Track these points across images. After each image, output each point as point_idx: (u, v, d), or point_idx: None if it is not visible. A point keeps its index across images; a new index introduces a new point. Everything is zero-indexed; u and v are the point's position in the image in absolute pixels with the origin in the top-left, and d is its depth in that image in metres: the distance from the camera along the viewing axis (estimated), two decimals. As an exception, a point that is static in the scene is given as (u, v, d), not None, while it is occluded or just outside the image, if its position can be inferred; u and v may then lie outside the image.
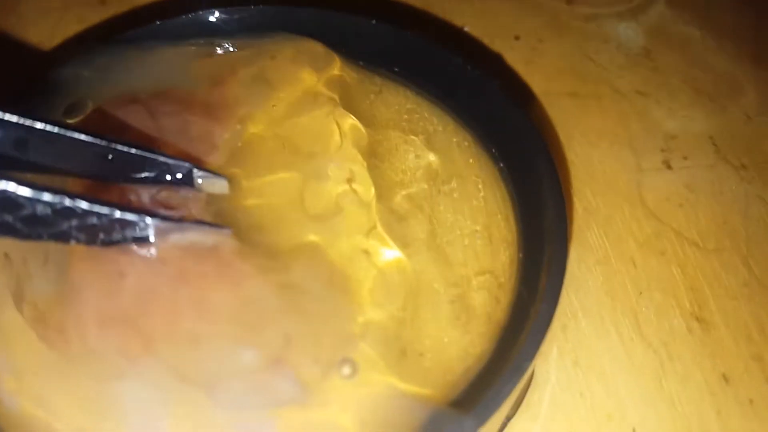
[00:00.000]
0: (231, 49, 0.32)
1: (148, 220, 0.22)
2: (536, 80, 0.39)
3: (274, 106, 0.30)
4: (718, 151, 0.36)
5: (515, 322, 0.25)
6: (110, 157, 0.24)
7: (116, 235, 0.22)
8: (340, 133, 0.29)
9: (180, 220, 0.24)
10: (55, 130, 0.23)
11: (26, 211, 0.20)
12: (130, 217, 0.22)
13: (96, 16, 0.38)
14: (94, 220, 0.21)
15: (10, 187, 0.20)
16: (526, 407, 0.28)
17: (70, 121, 0.28)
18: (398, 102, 0.31)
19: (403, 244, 0.27)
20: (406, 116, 0.31)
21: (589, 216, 0.33)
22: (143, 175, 0.25)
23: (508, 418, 0.27)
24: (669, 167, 0.35)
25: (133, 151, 0.24)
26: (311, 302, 0.24)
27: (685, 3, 0.43)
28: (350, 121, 0.29)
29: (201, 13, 0.33)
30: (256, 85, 0.31)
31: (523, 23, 0.41)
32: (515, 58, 0.40)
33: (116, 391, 0.22)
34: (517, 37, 0.41)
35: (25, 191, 0.20)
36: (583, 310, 0.30)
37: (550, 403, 0.28)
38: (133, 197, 0.25)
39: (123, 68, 0.30)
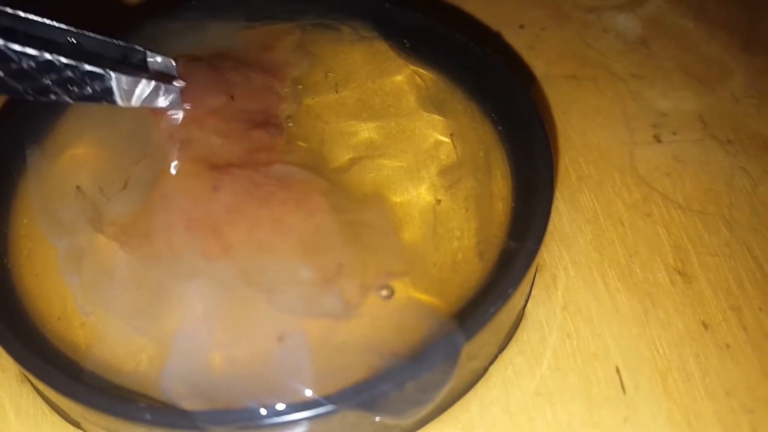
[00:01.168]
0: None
1: (111, 73, 0.26)
2: (538, 64, 0.41)
3: (328, 73, 0.34)
4: (706, 127, 0.38)
5: (507, 258, 0.28)
6: (82, 43, 0.27)
7: (87, 89, 0.26)
8: (410, 92, 0.34)
9: (139, 74, 0.27)
10: (34, 17, 0.26)
11: (14, 65, 0.24)
12: (97, 69, 0.26)
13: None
14: (69, 73, 0.25)
15: (0, 41, 0.23)
16: (516, 343, 0.30)
17: None
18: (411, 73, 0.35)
19: (431, 192, 0.31)
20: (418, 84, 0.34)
21: (581, 182, 0.36)
22: (107, 59, 0.28)
23: (500, 350, 0.29)
24: (659, 141, 0.38)
25: (98, 36, 0.28)
26: (370, 240, 0.28)
27: (682, -3, 0.46)
28: (417, 82, 0.34)
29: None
30: (302, 54, 0.35)
31: (527, 13, 0.44)
32: (520, 45, 0.43)
33: (189, 287, 0.26)
34: (521, 26, 0.44)
35: (14, 45, 0.24)
36: (572, 263, 0.33)
37: (539, 341, 0.30)
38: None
39: (173, 36, 0.34)
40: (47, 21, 0.27)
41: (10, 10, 0.26)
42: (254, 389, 0.25)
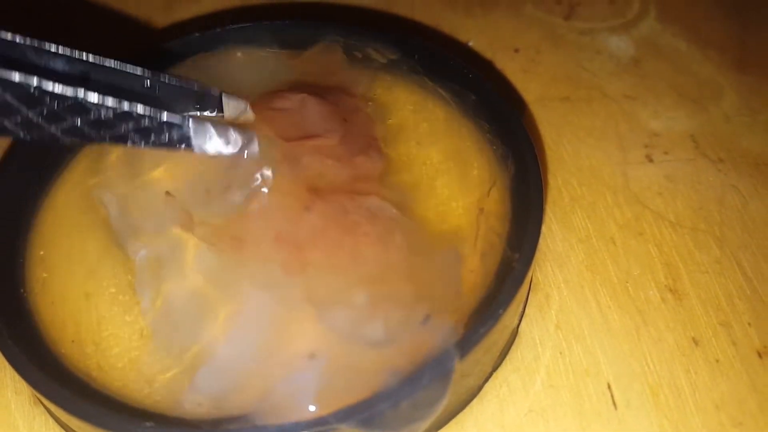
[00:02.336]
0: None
1: (189, 121, 0.27)
2: (532, 87, 0.43)
3: (376, 95, 0.36)
4: (698, 147, 0.39)
5: (501, 278, 0.29)
6: (158, 87, 0.29)
7: (164, 137, 0.26)
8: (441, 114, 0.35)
9: (216, 120, 0.28)
10: (112, 63, 0.27)
11: (93, 116, 0.25)
12: (174, 119, 0.26)
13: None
14: (146, 122, 0.26)
15: (81, 93, 0.24)
16: (510, 361, 0.31)
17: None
18: (411, 93, 0.36)
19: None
20: (411, 107, 0.35)
21: (574, 203, 0.37)
22: (181, 104, 0.29)
23: (495, 368, 0.30)
24: (651, 161, 0.39)
25: (174, 80, 0.29)
26: (432, 282, 0.29)
27: (675, 17, 0.47)
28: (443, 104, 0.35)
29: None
30: (357, 71, 0.36)
31: (522, 37, 0.46)
32: (514, 68, 0.44)
33: (261, 298, 0.28)
34: (516, 50, 0.45)
35: (92, 97, 0.24)
36: (565, 282, 0.34)
37: (532, 359, 0.31)
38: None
39: (231, 67, 0.36)
40: (122, 66, 0.28)
41: (86, 57, 0.27)
42: (265, 406, 0.26)
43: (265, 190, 0.29)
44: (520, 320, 0.32)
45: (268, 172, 0.29)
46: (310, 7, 0.48)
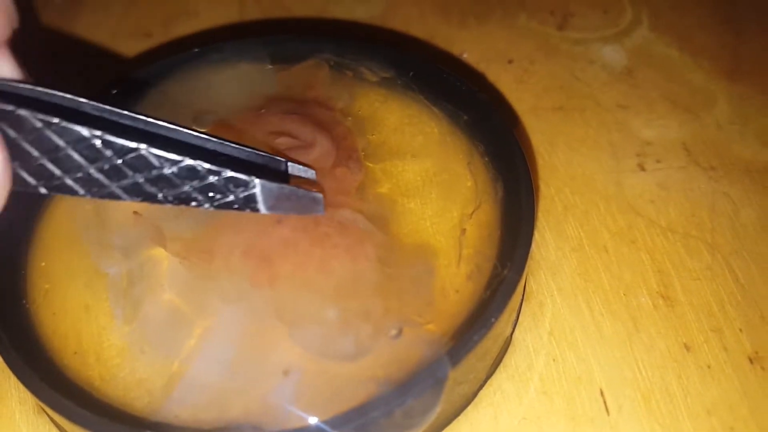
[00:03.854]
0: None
1: (256, 180, 0.25)
2: (526, 97, 0.43)
3: (359, 110, 0.36)
4: (690, 154, 0.40)
5: (493, 286, 0.29)
6: (223, 151, 0.27)
7: (230, 196, 0.25)
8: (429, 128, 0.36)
9: (282, 182, 0.27)
10: (173, 125, 0.26)
11: (155, 172, 0.24)
12: (240, 176, 0.25)
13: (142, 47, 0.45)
14: (211, 179, 0.24)
15: (143, 146, 0.23)
16: (504, 369, 0.32)
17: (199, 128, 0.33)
18: (401, 109, 0.37)
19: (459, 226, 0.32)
20: (401, 122, 0.36)
21: (567, 211, 0.37)
22: (249, 166, 0.28)
23: (489, 376, 0.31)
24: (643, 169, 0.39)
25: (239, 145, 0.27)
26: (403, 293, 0.29)
27: (667, 27, 0.48)
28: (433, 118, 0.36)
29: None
30: (339, 86, 0.37)
31: (516, 48, 0.46)
32: (508, 79, 0.44)
33: (228, 311, 0.28)
34: (510, 61, 0.46)
35: (156, 151, 0.24)
36: (558, 290, 0.34)
37: (526, 367, 0.32)
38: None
39: (217, 80, 0.37)
40: (187, 129, 0.26)
41: (151, 119, 0.26)
42: (254, 415, 0.27)
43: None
44: (514, 328, 0.33)
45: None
46: (306, 21, 0.49)
